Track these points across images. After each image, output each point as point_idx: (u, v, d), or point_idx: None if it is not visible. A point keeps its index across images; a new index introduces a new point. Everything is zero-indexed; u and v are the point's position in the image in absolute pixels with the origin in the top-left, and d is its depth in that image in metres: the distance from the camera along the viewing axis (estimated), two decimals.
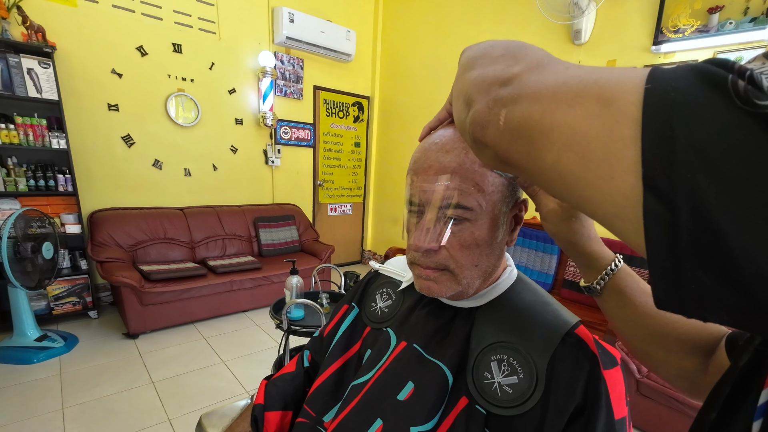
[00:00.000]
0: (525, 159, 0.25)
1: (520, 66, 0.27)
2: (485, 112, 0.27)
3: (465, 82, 0.32)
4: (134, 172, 2.99)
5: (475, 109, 0.28)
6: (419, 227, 0.49)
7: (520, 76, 0.26)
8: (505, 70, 0.28)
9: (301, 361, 0.75)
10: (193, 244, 3.09)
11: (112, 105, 2.81)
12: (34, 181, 2.48)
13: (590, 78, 0.22)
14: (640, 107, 0.19)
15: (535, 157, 0.24)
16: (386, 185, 4.43)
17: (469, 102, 0.30)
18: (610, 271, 0.47)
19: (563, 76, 0.24)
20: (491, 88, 0.28)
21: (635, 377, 1.80)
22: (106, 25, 2.69)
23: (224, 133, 3.39)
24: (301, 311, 1.63)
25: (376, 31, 4.20)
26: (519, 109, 0.25)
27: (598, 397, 0.44)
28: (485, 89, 0.28)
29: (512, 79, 0.26)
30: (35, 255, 2.26)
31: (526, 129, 0.24)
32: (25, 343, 2.26)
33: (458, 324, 0.55)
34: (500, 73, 0.28)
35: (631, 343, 0.50)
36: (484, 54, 0.32)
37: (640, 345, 0.48)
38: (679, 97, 0.18)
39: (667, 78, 0.19)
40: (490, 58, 0.31)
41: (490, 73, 0.29)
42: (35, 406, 1.83)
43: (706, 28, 2.04)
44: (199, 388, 2.06)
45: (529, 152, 0.25)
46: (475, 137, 0.29)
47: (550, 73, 0.25)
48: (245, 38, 3.34)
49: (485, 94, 0.28)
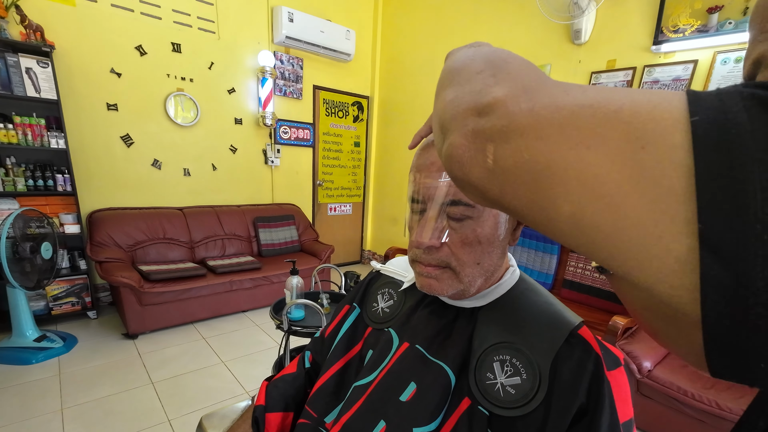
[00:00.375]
0: (527, 206, 0.22)
1: (502, 88, 0.23)
2: (464, 147, 0.23)
3: (440, 102, 0.27)
4: (133, 171, 2.99)
5: (450, 141, 0.24)
6: (421, 224, 0.49)
7: (505, 102, 0.22)
8: (483, 93, 0.23)
9: (302, 362, 0.75)
10: (193, 244, 3.09)
11: (111, 104, 2.80)
12: (33, 181, 2.47)
13: (607, 108, 0.18)
14: (690, 151, 0.16)
15: (544, 206, 0.21)
16: (386, 185, 4.43)
17: (443, 129, 0.25)
18: None
19: (567, 104, 0.20)
20: (467, 116, 0.23)
21: (636, 377, 1.80)
22: (104, 25, 2.68)
23: (224, 132, 3.38)
24: (301, 312, 1.63)
25: (376, 30, 4.20)
26: (513, 147, 0.21)
27: (602, 398, 0.44)
28: (461, 116, 0.24)
29: (494, 106, 0.22)
30: (34, 255, 2.25)
31: (527, 173, 0.20)
32: (24, 343, 2.26)
33: (460, 324, 0.54)
34: (478, 96, 0.23)
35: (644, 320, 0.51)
36: (463, 68, 0.28)
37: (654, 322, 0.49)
38: (744, 135, 0.14)
39: (714, 106, 0.16)
40: (466, 75, 0.26)
41: (466, 95, 0.24)
42: (34, 407, 1.82)
43: (706, 27, 2.04)
44: (199, 388, 2.05)
45: (533, 199, 0.21)
46: (453, 175, 0.25)
47: (546, 100, 0.21)
48: (245, 38, 3.33)
49: (461, 123, 0.23)
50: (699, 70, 2.11)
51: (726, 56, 2.02)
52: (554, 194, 0.20)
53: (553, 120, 0.20)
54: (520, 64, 0.25)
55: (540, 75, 0.24)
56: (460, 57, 0.31)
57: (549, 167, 0.20)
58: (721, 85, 2.03)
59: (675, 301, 0.17)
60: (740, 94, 0.16)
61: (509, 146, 0.21)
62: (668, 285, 0.17)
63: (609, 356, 0.47)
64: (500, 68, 0.25)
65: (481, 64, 0.26)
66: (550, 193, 0.20)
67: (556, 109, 0.20)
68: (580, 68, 2.61)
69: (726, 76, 2.02)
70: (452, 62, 0.31)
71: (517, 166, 0.21)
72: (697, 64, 2.11)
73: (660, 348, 1.92)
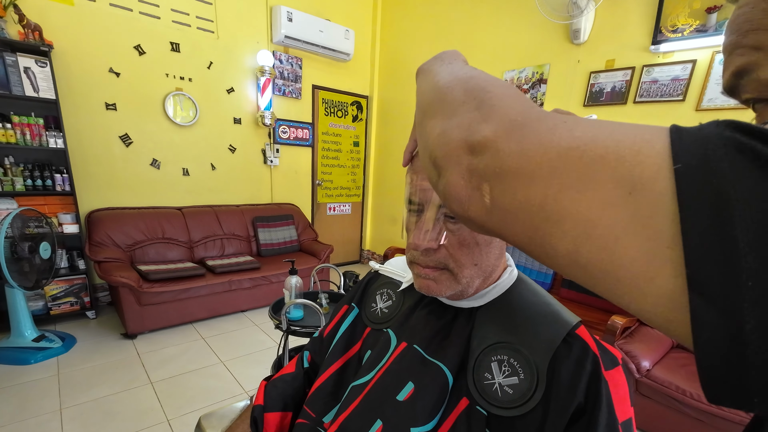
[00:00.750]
0: (526, 242, 0.22)
1: (490, 125, 0.23)
2: (461, 186, 0.24)
3: (427, 135, 0.27)
4: (132, 171, 2.98)
5: (447, 180, 0.25)
6: (419, 226, 0.49)
7: (496, 142, 0.22)
8: (472, 130, 0.24)
9: (301, 361, 0.75)
10: (192, 243, 3.08)
11: (110, 104, 2.80)
12: (32, 181, 2.47)
13: (594, 153, 0.19)
14: (674, 198, 0.16)
15: (542, 243, 0.21)
16: (385, 185, 4.43)
17: (437, 165, 0.26)
18: None
19: (554, 145, 0.20)
20: (460, 155, 0.24)
21: (634, 377, 1.80)
22: (103, 24, 2.67)
23: (223, 132, 3.38)
24: (300, 311, 1.63)
25: (375, 30, 4.19)
26: (508, 187, 0.22)
27: (599, 398, 0.44)
28: (453, 154, 0.24)
29: (485, 146, 0.22)
30: (32, 255, 2.25)
31: (523, 212, 0.21)
32: (22, 343, 2.25)
33: (459, 324, 0.54)
34: (467, 133, 0.24)
35: None
36: (443, 98, 0.28)
37: None
38: (725, 184, 0.15)
39: (695, 153, 0.16)
40: (449, 106, 0.26)
41: (454, 131, 0.25)
42: (33, 407, 1.82)
43: (705, 27, 2.04)
44: (198, 388, 2.05)
45: (531, 236, 0.22)
46: (453, 211, 0.25)
47: (534, 140, 0.21)
48: (243, 37, 3.33)
49: (455, 162, 0.24)
50: (697, 70, 2.12)
51: None
52: (550, 233, 0.20)
53: (543, 163, 0.20)
54: (502, 93, 0.25)
55: (523, 104, 0.24)
56: (437, 81, 0.31)
57: (543, 208, 0.20)
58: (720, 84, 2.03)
59: (671, 330, 0.18)
60: (722, 139, 0.16)
61: (504, 186, 0.22)
62: (663, 318, 0.18)
63: (607, 356, 0.47)
64: (483, 101, 0.25)
65: (461, 94, 0.27)
66: (546, 232, 0.21)
67: (545, 151, 0.20)
68: (579, 68, 2.61)
69: None
70: (430, 86, 0.31)
71: (513, 206, 0.22)
72: (695, 64, 2.11)
73: (659, 348, 1.92)
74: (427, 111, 0.29)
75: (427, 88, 0.32)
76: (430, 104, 0.29)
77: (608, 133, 0.19)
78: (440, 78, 0.31)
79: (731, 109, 2.01)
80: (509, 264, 0.58)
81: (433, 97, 0.29)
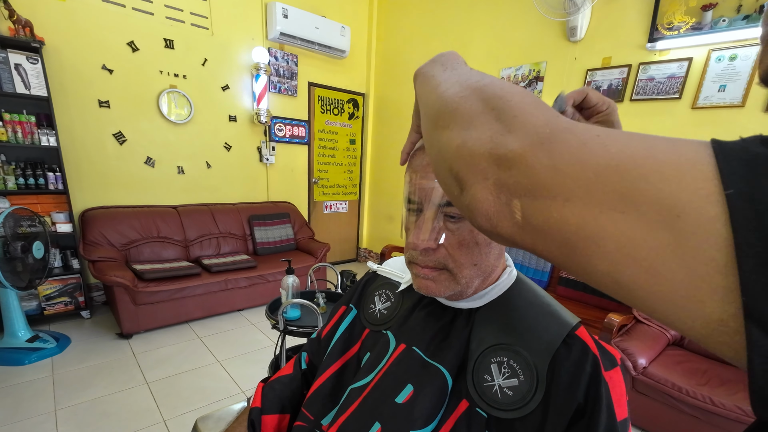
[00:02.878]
0: (562, 259, 0.21)
1: (516, 138, 0.22)
2: (489, 202, 0.23)
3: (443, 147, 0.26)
4: (126, 169, 2.95)
5: (473, 195, 0.24)
6: (418, 225, 0.49)
7: (525, 156, 0.21)
8: (497, 142, 0.23)
9: (299, 363, 0.75)
10: (187, 242, 3.06)
11: (103, 101, 2.76)
12: (24, 179, 2.44)
13: (635, 172, 0.18)
14: (726, 224, 0.16)
15: (579, 262, 0.20)
16: (382, 182, 4.42)
17: (459, 179, 0.25)
18: None
19: (590, 163, 0.19)
20: (486, 168, 0.23)
21: (631, 374, 1.81)
22: (95, 20, 2.64)
23: (218, 130, 3.35)
24: (297, 311, 1.62)
25: (371, 26, 4.17)
26: (542, 206, 0.21)
27: (600, 399, 0.44)
28: (478, 168, 0.23)
29: (514, 161, 0.21)
30: (25, 254, 2.22)
31: (559, 232, 0.20)
32: (16, 344, 2.23)
33: (458, 325, 0.54)
34: (491, 146, 0.23)
35: None
36: (457, 108, 0.26)
37: None
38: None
39: (745, 176, 0.16)
40: (465, 116, 0.25)
41: (475, 144, 0.24)
42: (27, 408, 1.80)
43: (701, 25, 2.04)
44: (195, 388, 2.04)
45: (567, 255, 0.21)
46: (479, 227, 0.24)
47: (566, 155, 0.20)
48: (238, 34, 3.29)
49: (481, 176, 0.23)
50: (693, 68, 2.12)
51: (720, 54, 2.02)
52: (589, 253, 0.20)
53: (579, 181, 0.19)
54: (521, 100, 0.24)
55: (546, 113, 0.23)
56: (445, 89, 0.29)
57: (582, 228, 0.19)
58: (716, 82, 2.05)
59: (722, 352, 0.18)
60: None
61: (537, 205, 0.21)
62: (714, 341, 0.17)
63: (606, 357, 0.48)
64: (502, 110, 0.24)
65: (477, 104, 0.25)
66: (585, 252, 0.20)
67: (582, 170, 0.20)
68: (576, 65, 2.61)
69: (720, 74, 2.03)
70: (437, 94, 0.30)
71: (548, 225, 0.21)
72: (691, 62, 2.12)
73: (655, 345, 1.93)
74: (438, 121, 0.28)
75: (433, 97, 0.30)
76: (440, 114, 0.28)
77: (646, 149, 0.19)
78: (448, 86, 0.30)
79: (727, 107, 2.02)
80: (508, 264, 0.58)
81: (443, 106, 0.28)
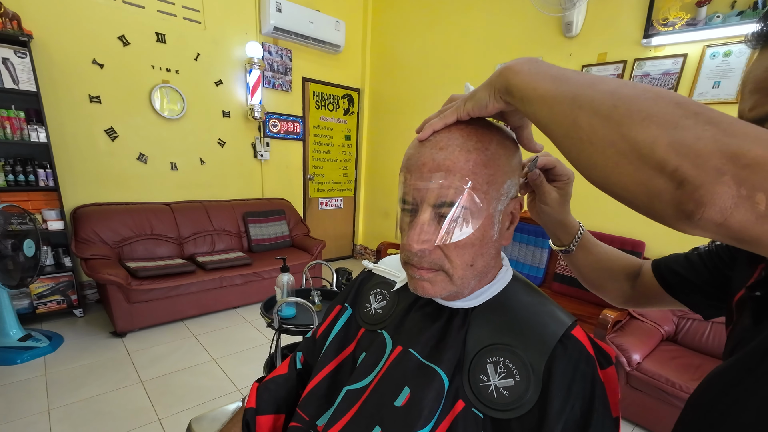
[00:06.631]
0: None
1: (758, 146, 0.25)
2: (729, 195, 0.25)
3: (641, 143, 0.28)
4: (118, 166, 2.91)
5: (706, 189, 0.25)
6: (413, 226, 0.48)
7: (765, 157, 0.24)
8: (724, 142, 0.25)
9: (294, 362, 0.74)
10: (181, 239, 3.04)
11: (94, 97, 2.72)
12: (14, 176, 2.40)
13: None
14: None
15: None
16: (377, 179, 4.40)
17: (676, 174, 0.27)
18: (580, 234, 0.64)
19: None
20: (720, 165, 0.25)
21: (625, 370, 1.83)
22: (85, 13, 2.59)
23: (211, 126, 3.31)
24: (292, 309, 1.61)
25: (366, 21, 4.14)
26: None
27: (595, 399, 0.44)
28: (708, 164, 0.25)
29: (755, 160, 0.24)
30: (16, 252, 2.19)
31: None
32: (7, 343, 2.20)
33: (454, 326, 0.54)
34: (718, 146, 0.25)
35: (592, 282, 0.70)
36: (648, 108, 0.29)
37: (598, 281, 0.69)
38: None
39: None
40: (662, 117, 0.28)
41: (697, 143, 0.26)
42: (20, 408, 1.78)
43: (695, 21, 2.04)
44: (189, 386, 2.03)
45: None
46: (709, 218, 0.26)
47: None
48: (231, 28, 3.25)
49: (715, 172, 0.25)
50: (688, 64, 2.12)
51: (715, 50, 2.03)
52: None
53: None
54: (706, 107, 0.27)
55: (738, 119, 0.26)
56: (614, 85, 0.31)
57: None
58: (710, 79, 2.05)
59: None
60: None
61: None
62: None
63: (602, 355, 0.48)
64: (704, 114, 0.27)
65: (672, 107, 0.28)
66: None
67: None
68: (571, 61, 2.61)
69: (715, 70, 2.04)
70: (599, 88, 0.32)
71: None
72: (686, 58, 2.12)
73: (649, 341, 1.95)
74: (623, 118, 0.30)
75: (600, 91, 0.32)
76: (626, 110, 0.30)
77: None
78: (615, 84, 0.32)
79: (721, 103, 2.03)
80: (504, 264, 0.57)
81: (628, 103, 0.30)
